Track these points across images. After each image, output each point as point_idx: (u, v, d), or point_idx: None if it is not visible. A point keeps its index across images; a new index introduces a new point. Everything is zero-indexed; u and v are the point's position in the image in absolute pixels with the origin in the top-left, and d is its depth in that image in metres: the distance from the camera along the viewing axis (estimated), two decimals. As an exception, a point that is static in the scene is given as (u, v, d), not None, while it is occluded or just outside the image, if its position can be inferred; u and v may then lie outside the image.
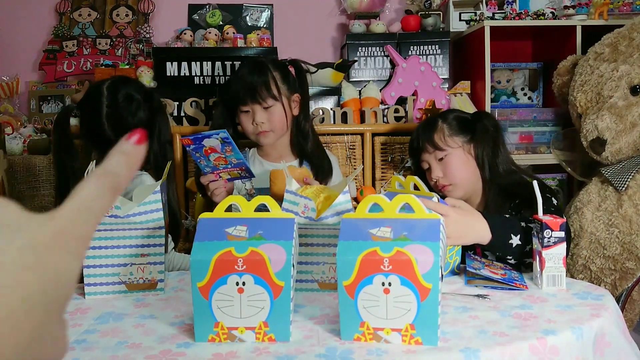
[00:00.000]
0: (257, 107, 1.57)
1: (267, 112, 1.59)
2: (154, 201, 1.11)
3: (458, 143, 1.53)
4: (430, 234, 0.83)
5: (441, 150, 1.52)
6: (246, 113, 1.59)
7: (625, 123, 1.70)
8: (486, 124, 1.54)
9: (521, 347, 0.81)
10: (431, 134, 1.54)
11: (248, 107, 1.58)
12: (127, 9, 2.47)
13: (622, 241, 1.64)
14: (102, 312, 1.02)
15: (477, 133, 1.54)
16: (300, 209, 1.12)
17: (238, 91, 1.57)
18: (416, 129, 1.62)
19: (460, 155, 1.53)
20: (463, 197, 1.52)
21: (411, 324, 0.82)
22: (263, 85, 1.56)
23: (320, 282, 1.12)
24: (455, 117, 1.58)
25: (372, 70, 2.31)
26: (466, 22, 2.37)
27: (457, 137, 1.54)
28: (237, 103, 1.58)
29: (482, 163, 1.52)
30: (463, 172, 1.52)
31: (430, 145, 1.53)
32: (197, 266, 0.84)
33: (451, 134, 1.53)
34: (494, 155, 1.52)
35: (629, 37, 1.76)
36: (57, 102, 2.32)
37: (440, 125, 1.55)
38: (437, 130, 1.54)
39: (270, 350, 0.82)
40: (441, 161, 1.53)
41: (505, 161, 1.53)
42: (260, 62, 1.61)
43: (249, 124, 1.59)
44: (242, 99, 1.57)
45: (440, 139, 1.53)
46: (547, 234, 1.10)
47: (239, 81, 1.59)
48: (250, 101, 1.57)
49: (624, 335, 0.95)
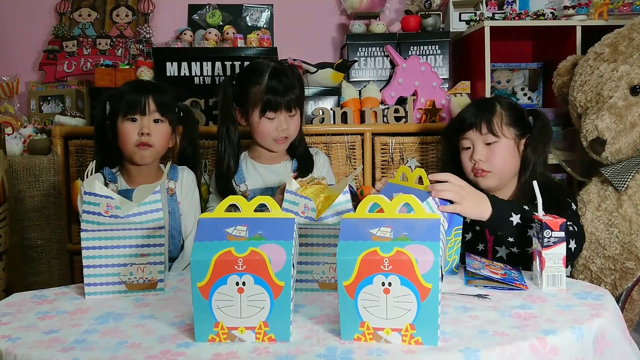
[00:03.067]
0: (285, 114, 1.60)
1: (292, 120, 1.62)
2: (154, 201, 1.11)
3: (512, 134, 1.49)
4: (430, 234, 0.83)
5: (495, 135, 1.48)
6: (270, 120, 1.60)
7: (625, 123, 1.70)
8: (546, 125, 1.51)
9: (521, 347, 0.81)
10: (490, 116, 1.48)
11: (274, 115, 1.59)
12: (127, 9, 2.47)
13: (622, 241, 1.64)
14: (102, 312, 1.02)
15: (535, 133, 1.51)
16: (300, 209, 1.12)
17: (270, 98, 1.57)
18: (471, 105, 1.56)
19: (510, 147, 1.49)
20: (494, 187, 1.50)
21: (411, 324, 0.82)
22: (294, 95, 1.60)
23: (320, 282, 1.12)
24: (512, 106, 1.53)
25: (372, 71, 2.31)
26: (466, 22, 2.37)
27: (513, 129, 1.50)
28: (266, 108, 1.58)
29: (528, 163, 1.50)
30: (506, 164, 1.49)
31: (486, 127, 1.48)
32: (197, 266, 0.84)
33: (508, 123, 1.49)
34: (542, 160, 1.50)
35: (629, 37, 1.76)
36: (57, 102, 2.32)
37: (499, 110, 1.50)
38: (496, 115, 1.49)
39: (270, 350, 0.82)
40: (489, 146, 1.48)
41: (545, 165, 1.52)
42: (285, 69, 1.63)
43: (273, 129, 1.60)
44: (273, 106, 1.57)
45: (498, 124, 1.48)
46: (547, 234, 1.10)
47: (268, 87, 1.58)
48: (283, 108, 1.59)
49: (624, 335, 0.95)
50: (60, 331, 0.92)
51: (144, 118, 1.53)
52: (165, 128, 1.57)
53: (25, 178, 1.91)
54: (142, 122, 1.52)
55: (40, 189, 1.92)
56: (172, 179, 1.60)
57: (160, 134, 1.55)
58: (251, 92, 1.60)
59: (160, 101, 1.54)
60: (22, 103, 2.31)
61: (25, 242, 1.92)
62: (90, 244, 1.10)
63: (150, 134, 1.52)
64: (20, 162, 1.91)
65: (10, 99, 2.23)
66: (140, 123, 1.52)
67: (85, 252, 1.10)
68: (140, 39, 2.38)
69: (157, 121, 1.54)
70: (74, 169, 1.95)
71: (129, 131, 1.52)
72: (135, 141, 1.52)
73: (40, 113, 2.31)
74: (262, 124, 1.60)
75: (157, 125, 1.54)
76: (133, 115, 1.52)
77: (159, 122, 1.55)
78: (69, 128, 1.96)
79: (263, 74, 1.60)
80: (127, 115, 1.52)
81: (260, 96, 1.58)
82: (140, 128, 1.52)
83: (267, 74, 1.59)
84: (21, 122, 2.14)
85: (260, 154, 1.70)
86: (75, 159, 1.95)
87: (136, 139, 1.52)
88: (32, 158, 1.92)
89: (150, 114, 1.53)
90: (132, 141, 1.52)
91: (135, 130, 1.52)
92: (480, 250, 1.49)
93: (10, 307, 1.06)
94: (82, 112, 2.28)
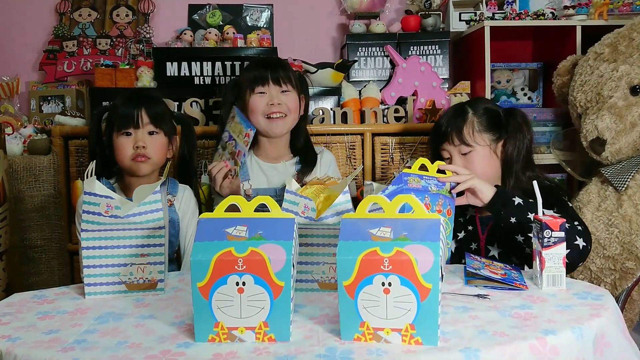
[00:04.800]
0: (276, 90, 1.62)
1: (286, 97, 1.63)
2: (154, 201, 1.11)
3: (486, 141, 1.47)
4: (430, 234, 0.83)
5: (468, 145, 1.45)
6: (261, 95, 1.61)
7: (625, 123, 1.70)
8: (519, 123, 1.48)
9: (521, 347, 0.81)
10: (461, 125, 1.46)
11: (264, 89, 1.61)
12: (127, 9, 2.47)
13: (621, 241, 1.64)
14: (102, 312, 1.02)
15: (510, 133, 1.47)
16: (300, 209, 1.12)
17: (256, 73, 1.61)
18: (444, 116, 1.53)
19: (486, 153, 1.47)
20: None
21: (411, 324, 0.82)
22: (283, 73, 1.62)
23: (320, 282, 1.12)
24: (486, 111, 1.49)
25: (372, 70, 2.31)
26: (466, 22, 2.37)
27: (487, 134, 1.47)
28: (254, 83, 1.61)
29: (510, 165, 1.47)
30: (486, 171, 1.45)
31: (457, 138, 1.45)
32: (197, 266, 0.84)
33: (480, 130, 1.46)
34: (523, 161, 1.47)
35: (629, 37, 1.77)
36: (57, 102, 2.32)
37: (471, 118, 1.47)
38: (467, 123, 1.46)
39: (270, 350, 0.82)
40: (464, 156, 1.46)
41: (531, 166, 1.49)
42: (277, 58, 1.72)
43: (264, 104, 1.61)
44: (260, 79, 1.60)
45: (469, 133, 1.45)
46: (547, 234, 1.10)
47: (257, 63, 1.65)
48: (271, 81, 1.61)
49: (624, 335, 0.95)
50: (60, 331, 0.92)
51: (138, 131, 1.50)
52: (160, 139, 1.54)
53: (25, 178, 1.91)
54: (137, 136, 1.50)
55: (40, 189, 1.92)
56: (171, 193, 1.57)
57: (156, 145, 1.53)
58: (244, 77, 1.66)
59: (153, 113, 1.52)
60: (22, 103, 2.31)
61: (25, 242, 1.92)
62: (90, 244, 1.10)
63: (146, 147, 1.50)
64: (20, 162, 1.91)
65: (10, 99, 2.23)
66: (135, 137, 1.50)
67: (85, 252, 1.10)
68: (140, 39, 2.38)
69: (152, 133, 1.52)
70: (74, 169, 1.95)
71: (124, 145, 1.50)
72: (131, 155, 1.50)
73: (40, 113, 2.31)
74: (253, 100, 1.62)
75: (152, 138, 1.52)
76: (127, 129, 1.50)
77: (153, 134, 1.53)
78: (69, 128, 1.96)
79: (254, 60, 1.69)
80: (121, 130, 1.50)
81: (250, 73, 1.63)
82: (135, 142, 1.50)
83: (257, 60, 1.69)
84: (21, 122, 2.14)
85: (265, 149, 1.70)
86: (75, 159, 1.95)
87: (132, 152, 1.50)
88: (32, 158, 1.93)
89: (144, 126, 1.51)
90: (128, 155, 1.50)
91: (130, 144, 1.50)
92: (474, 249, 1.48)
93: (10, 307, 1.06)
94: (82, 112, 2.28)
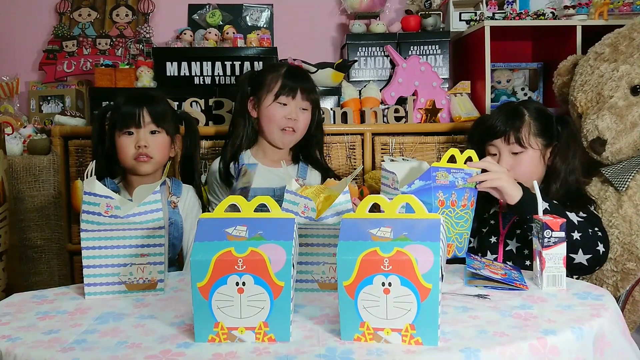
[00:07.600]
0: (297, 105, 1.63)
1: (302, 115, 1.65)
2: (154, 201, 1.11)
3: (539, 145, 1.49)
4: (430, 234, 0.83)
5: (522, 146, 1.47)
6: (282, 106, 1.62)
7: (625, 123, 1.70)
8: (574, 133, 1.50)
9: (521, 347, 0.81)
10: (519, 126, 1.48)
11: (287, 101, 1.62)
12: (127, 9, 2.47)
13: (622, 242, 1.63)
14: (102, 312, 1.02)
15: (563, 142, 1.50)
16: (300, 209, 1.12)
17: (286, 82, 1.62)
18: (498, 112, 1.54)
19: (536, 157, 1.49)
20: None
21: (411, 324, 0.82)
22: (310, 88, 1.66)
23: (320, 282, 1.12)
24: (541, 114, 1.52)
25: (372, 70, 2.31)
26: (466, 22, 2.36)
27: (540, 139, 1.49)
28: (281, 91, 1.61)
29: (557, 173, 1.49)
30: (531, 174, 1.48)
31: (514, 137, 1.47)
32: (197, 266, 0.84)
33: (535, 134, 1.49)
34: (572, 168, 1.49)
35: (629, 37, 1.76)
36: (57, 102, 2.32)
37: (528, 120, 1.49)
38: (524, 125, 1.48)
39: (270, 350, 0.82)
40: (515, 155, 1.49)
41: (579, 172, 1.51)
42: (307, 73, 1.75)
43: (282, 116, 1.62)
44: (289, 89, 1.61)
45: (525, 135, 1.47)
46: (547, 234, 1.10)
47: (287, 73, 1.64)
48: (297, 95, 1.62)
49: (624, 335, 0.95)
50: (60, 331, 0.92)
51: (140, 131, 1.50)
52: (162, 139, 1.54)
53: (25, 178, 1.91)
54: (139, 135, 1.50)
55: (40, 189, 1.92)
56: (174, 194, 1.57)
57: (158, 145, 1.53)
58: (268, 77, 1.65)
59: (155, 112, 1.52)
60: (22, 103, 2.31)
61: (25, 242, 1.92)
62: (90, 244, 1.10)
63: (148, 146, 1.50)
64: (20, 162, 1.91)
65: (10, 99, 2.23)
66: (137, 136, 1.50)
67: (85, 252, 1.10)
68: (140, 38, 2.38)
69: (153, 132, 1.52)
70: (74, 169, 1.95)
71: (126, 145, 1.51)
72: (133, 154, 1.50)
73: (40, 113, 2.31)
74: (273, 108, 1.62)
75: (154, 137, 1.52)
76: (128, 128, 1.50)
77: (155, 133, 1.53)
78: (68, 128, 1.96)
79: (282, 67, 1.68)
80: (123, 129, 1.51)
81: (277, 80, 1.62)
82: (136, 141, 1.50)
83: (286, 67, 1.67)
84: (21, 122, 2.14)
85: (265, 152, 1.70)
86: (75, 159, 1.95)
87: (134, 152, 1.50)
88: (32, 158, 1.92)
89: (145, 126, 1.51)
90: (130, 154, 1.50)
91: (132, 144, 1.50)
92: (492, 242, 1.52)
93: (10, 307, 1.06)
94: (82, 112, 2.28)
